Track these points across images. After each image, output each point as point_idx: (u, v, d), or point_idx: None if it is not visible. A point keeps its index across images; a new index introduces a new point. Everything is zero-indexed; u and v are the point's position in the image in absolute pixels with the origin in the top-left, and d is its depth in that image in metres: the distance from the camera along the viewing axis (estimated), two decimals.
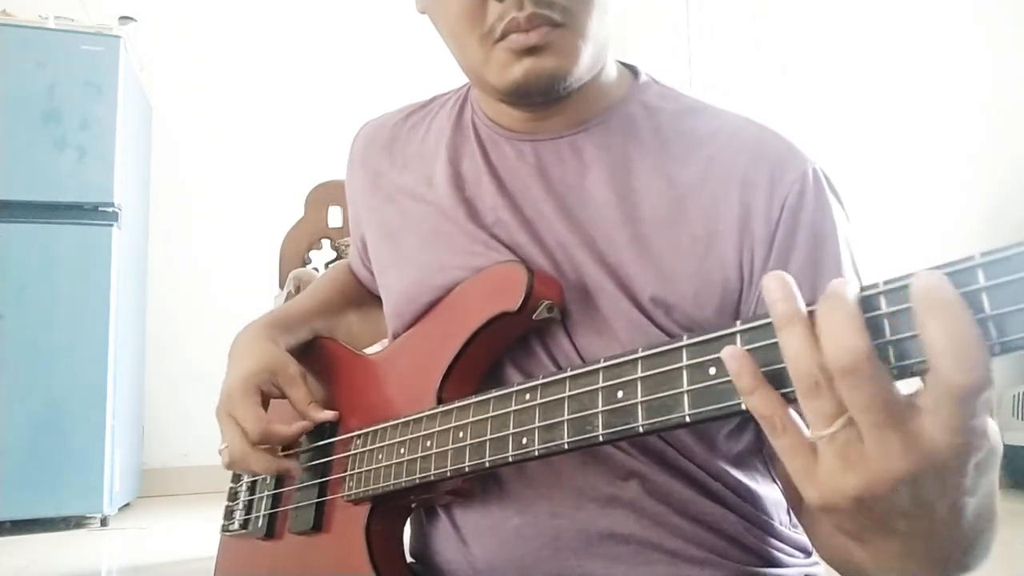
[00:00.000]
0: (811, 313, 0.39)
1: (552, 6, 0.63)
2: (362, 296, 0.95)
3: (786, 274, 0.40)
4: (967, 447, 0.37)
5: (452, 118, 0.81)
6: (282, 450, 0.83)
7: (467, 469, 0.60)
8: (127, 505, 3.28)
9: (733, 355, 0.41)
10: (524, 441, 0.55)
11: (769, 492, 0.71)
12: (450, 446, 0.62)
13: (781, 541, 0.71)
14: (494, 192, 0.74)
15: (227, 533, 0.90)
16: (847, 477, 0.39)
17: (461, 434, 0.61)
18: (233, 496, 0.91)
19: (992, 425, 0.39)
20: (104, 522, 2.89)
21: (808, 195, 0.66)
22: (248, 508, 0.87)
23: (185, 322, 3.72)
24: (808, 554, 0.73)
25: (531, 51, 0.64)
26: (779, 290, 0.40)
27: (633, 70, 0.78)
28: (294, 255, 2.54)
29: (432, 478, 0.63)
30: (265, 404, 0.79)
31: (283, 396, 0.79)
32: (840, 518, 0.41)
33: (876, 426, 0.37)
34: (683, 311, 0.66)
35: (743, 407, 0.42)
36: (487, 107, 0.77)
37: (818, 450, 0.40)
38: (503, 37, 0.64)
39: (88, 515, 2.90)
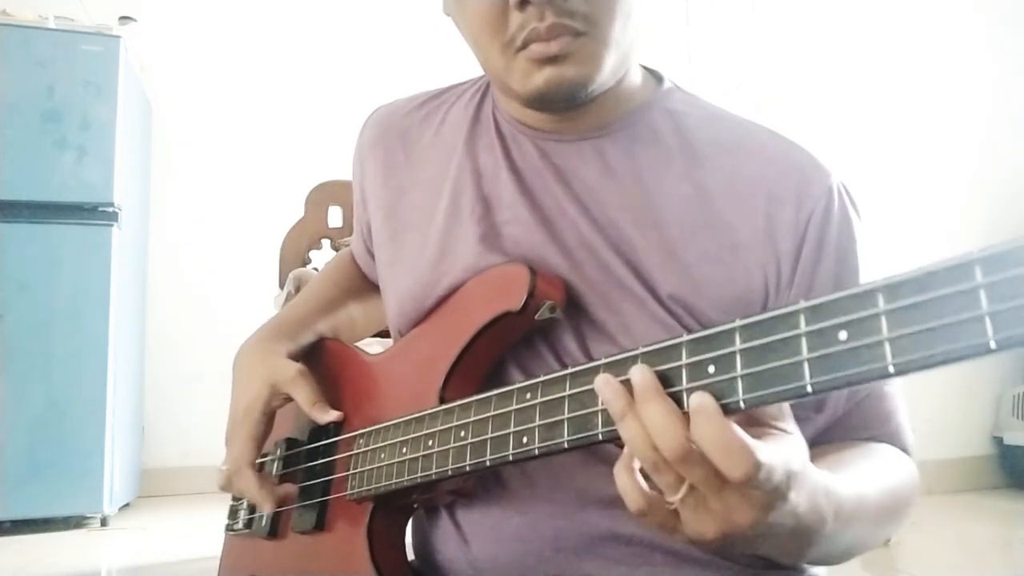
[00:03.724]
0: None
1: (573, 15, 0.62)
2: (362, 286, 0.95)
3: (609, 376, 0.48)
4: (781, 500, 0.45)
5: (471, 111, 0.80)
6: (287, 448, 0.83)
7: (468, 468, 0.60)
8: (127, 505, 3.28)
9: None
10: (525, 440, 0.55)
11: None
12: (451, 445, 0.62)
13: None
14: (513, 189, 0.73)
15: (231, 532, 0.90)
16: (705, 526, 0.46)
17: (462, 433, 0.61)
18: (238, 496, 0.91)
19: (793, 458, 0.46)
20: (104, 522, 2.89)
21: (834, 211, 0.67)
22: (252, 507, 0.87)
23: (185, 322, 3.72)
24: None
25: (552, 60, 0.64)
26: (607, 390, 0.47)
27: (657, 75, 0.77)
28: (294, 255, 2.54)
29: (433, 477, 0.63)
30: (272, 418, 0.80)
31: (291, 401, 0.80)
32: (711, 549, 0.50)
33: (713, 491, 0.45)
34: (709, 316, 0.66)
35: (742, 405, 0.42)
36: (508, 104, 0.77)
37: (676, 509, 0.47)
38: (524, 46, 0.64)
39: (88, 515, 2.89)
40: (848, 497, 0.55)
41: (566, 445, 0.52)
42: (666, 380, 0.46)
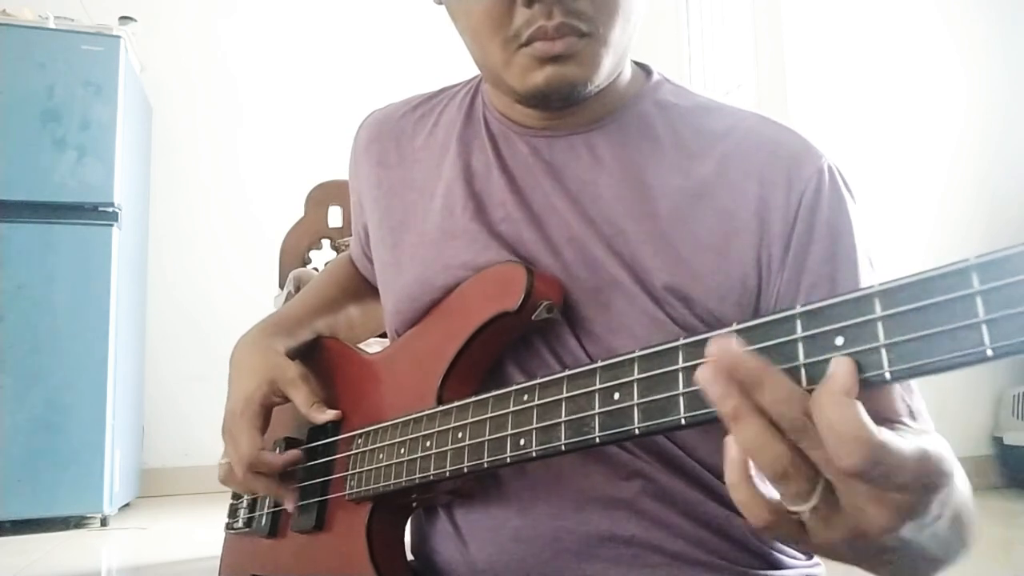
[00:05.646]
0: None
1: (580, 16, 0.62)
2: (361, 288, 0.95)
3: (713, 368, 0.40)
4: (927, 486, 0.39)
5: (463, 111, 0.80)
6: (286, 447, 0.83)
7: (465, 470, 0.60)
8: (127, 505, 3.28)
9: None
10: (522, 442, 0.55)
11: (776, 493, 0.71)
12: (449, 447, 0.62)
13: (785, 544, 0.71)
14: (504, 188, 0.73)
15: (231, 531, 0.90)
16: (834, 532, 0.41)
17: (460, 435, 0.61)
18: (237, 494, 0.91)
19: (935, 451, 0.40)
20: (104, 522, 2.90)
21: (825, 191, 0.66)
22: (252, 506, 0.87)
23: (185, 322, 3.72)
24: (809, 556, 0.73)
25: (554, 59, 0.63)
26: (716, 388, 0.40)
27: (646, 69, 0.77)
28: (294, 255, 2.54)
29: (431, 478, 0.63)
30: (269, 415, 0.79)
31: (287, 401, 0.80)
32: (837, 558, 0.45)
33: (850, 491, 0.39)
34: (704, 306, 0.66)
35: None
36: (499, 102, 0.77)
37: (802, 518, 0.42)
38: (528, 43, 0.63)
39: (88, 515, 2.90)
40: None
41: (563, 448, 0.52)
42: (663, 384, 0.46)
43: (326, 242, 2.60)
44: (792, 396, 0.39)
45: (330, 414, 0.77)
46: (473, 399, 0.61)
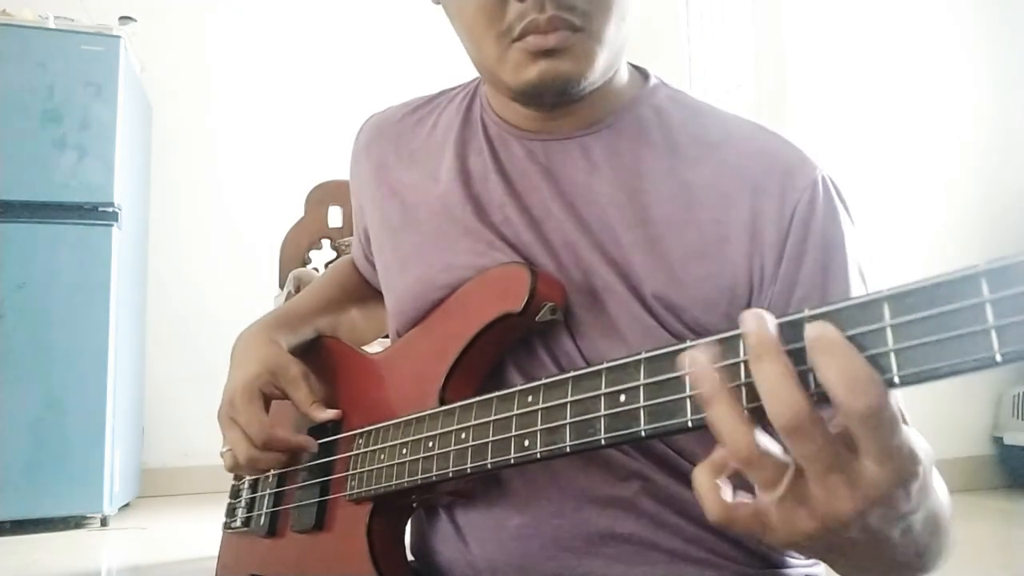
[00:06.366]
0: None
1: (572, 10, 0.62)
2: (364, 291, 0.95)
3: (696, 354, 0.42)
4: (902, 471, 0.39)
5: (460, 113, 0.81)
6: None
7: (469, 471, 0.60)
8: (127, 505, 3.28)
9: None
10: (526, 443, 0.55)
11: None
12: (452, 447, 0.62)
13: None
14: (501, 190, 0.73)
15: (229, 530, 0.90)
16: (799, 523, 0.41)
17: (463, 435, 0.61)
18: (235, 493, 0.91)
19: (916, 444, 0.40)
20: (104, 522, 2.89)
21: (818, 203, 0.66)
22: (250, 506, 0.87)
23: (185, 322, 3.72)
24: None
25: (548, 53, 0.63)
26: (695, 370, 0.42)
27: (643, 73, 0.78)
28: (294, 255, 2.54)
29: (434, 479, 0.63)
30: (267, 406, 0.79)
31: (285, 397, 0.80)
32: (801, 551, 0.46)
33: (820, 472, 0.39)
34: (692, 314, 0.66)
35: (745, 414, 0.42)
36: (497, 104, 0.77)
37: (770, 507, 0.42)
38: (521, 37, 0.63)
39: (88, 515, 2.90)
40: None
41: (568, 450, 0.52)
42: (670, 387, 0.46)
43: (326, 242, 2.60)
44: (785, 388, 0.39)
45: (329, 413, 0.77)
46: (476, 400, 0.61)
